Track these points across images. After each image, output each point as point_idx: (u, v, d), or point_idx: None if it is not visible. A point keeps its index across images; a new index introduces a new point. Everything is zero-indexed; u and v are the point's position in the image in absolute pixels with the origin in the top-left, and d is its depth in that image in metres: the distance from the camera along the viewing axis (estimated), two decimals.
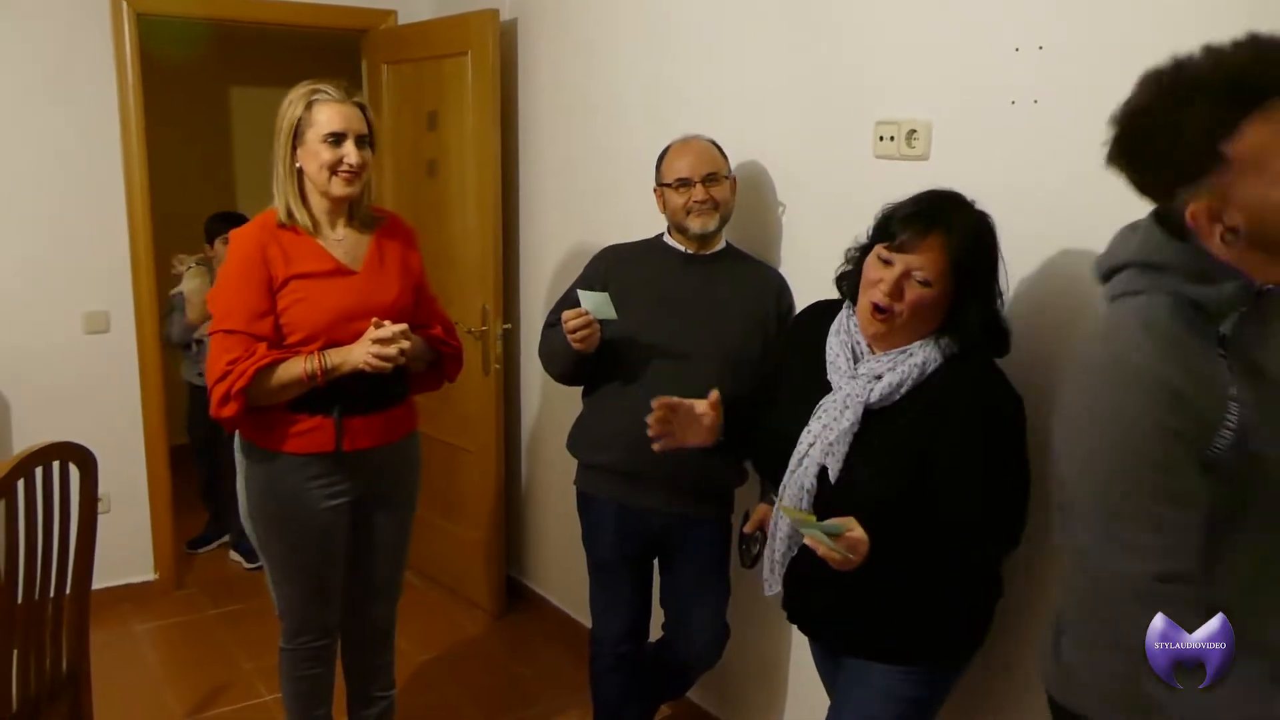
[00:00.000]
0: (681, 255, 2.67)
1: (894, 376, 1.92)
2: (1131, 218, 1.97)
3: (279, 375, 2.40)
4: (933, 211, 1.89)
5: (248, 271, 2.42)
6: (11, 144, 3.74)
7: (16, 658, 2.30)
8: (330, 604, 2.69)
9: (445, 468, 4.10)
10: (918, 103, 2.37)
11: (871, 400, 1.92)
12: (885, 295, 1.89)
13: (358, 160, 2.43)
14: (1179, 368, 1.35)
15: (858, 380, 1.96)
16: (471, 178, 3.87)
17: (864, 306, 1.95)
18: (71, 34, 3.78)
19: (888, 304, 1.89)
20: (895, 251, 1.89)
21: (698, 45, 3.00)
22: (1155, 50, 1.64)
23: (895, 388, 1.92)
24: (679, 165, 2.61)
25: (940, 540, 1.89)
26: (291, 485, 2.51)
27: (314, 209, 2.50)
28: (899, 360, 1.93)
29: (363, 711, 2.90)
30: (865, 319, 1.96)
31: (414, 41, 4.15)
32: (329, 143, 2.41)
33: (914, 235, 1.87)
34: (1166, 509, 1.35)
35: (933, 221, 1.87)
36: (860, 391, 1.94)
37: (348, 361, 2.40)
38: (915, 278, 1.87)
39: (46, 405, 3.87)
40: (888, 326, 1.92)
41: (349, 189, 2.45)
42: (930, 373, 1.92)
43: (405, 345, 2.39)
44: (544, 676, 3.69)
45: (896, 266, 1.88)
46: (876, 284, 1.91)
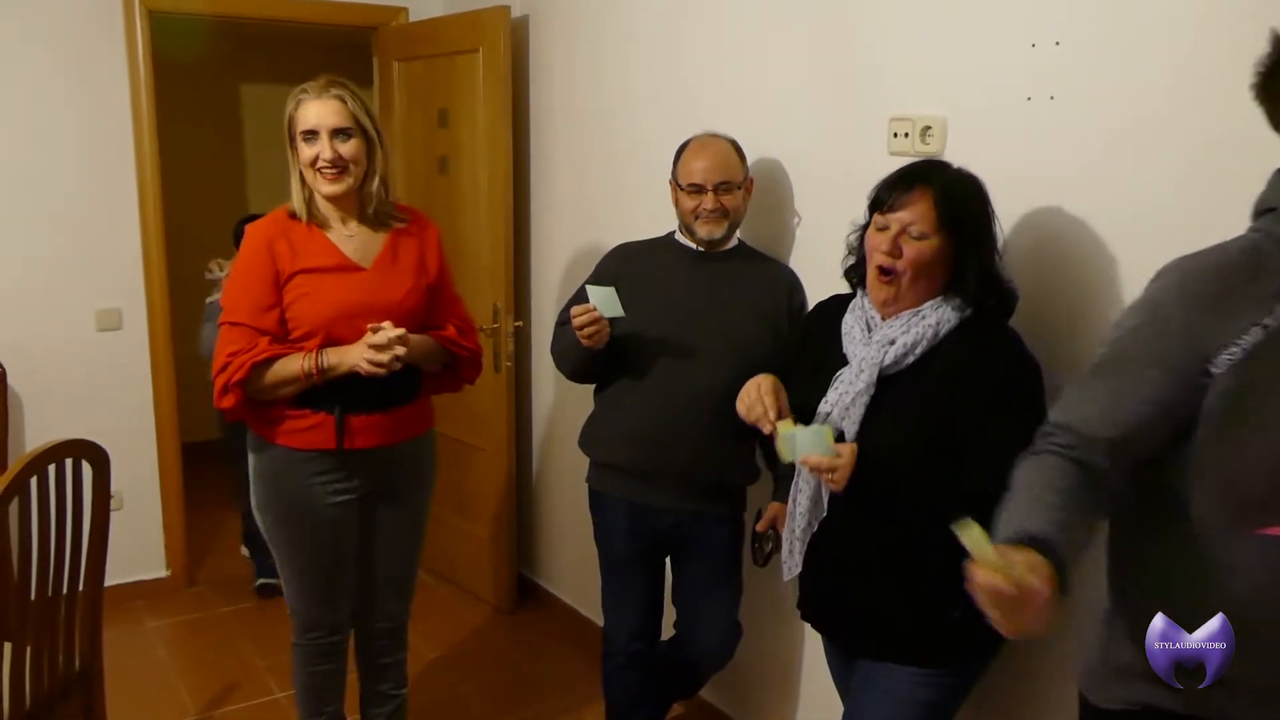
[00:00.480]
0: (692, 253, 2.66)
1: (908, 338, 1.95)
2: (1151, 212, 1.96)
3: (276, 371, 2.40)
4: (915, 170, 1.99)
5: (255, 265, 2.43)
6: (24, 141, 3.75)
7: (30, 654, 2.31)
8: (339, 601, 2.69)
9: (456, 465, 4.09)
10: (932, 99, 2.36)
11: (886, 362, 1.96)
12: (885, 254, 1.94)
13: (331, 155, 2.40)
14: (1222, 285, 1.37)
15: (872, 346, 1.99)
16: (483, 175, 3.86)
17: (871, 276, 2.01)
18: (84, 32, 3.79)
19: (890, 263, 1.95)
20: (887, 213, 1.96)
21: (711, 41, 2.98)
22: (1171, 45, 1.64)
23: (909, 348, 1.95)
24: (694, 168, 2.58)
25: (961, 511, 1.85)
26: (296, 481, 2.51)
27: (320, 206, 2.51)
28: (912, 323, 1.97)
29: (375, 709, 2.90)
30: (873, 286, 2.01)
31: (425, 38, 4.15)
32: (307, 141, 2.42)
33: (900, 193, 1.94)
34: (1125, 383, 1.41)
35: (916, 178, 1.95)
36: (875, 355, 1.97)
37: (344, 362, 2.40)
38: (910, 233, 1.93)
39: (60, 402, 3.88)
40: (895, 288, 1.97)
41: (333, 187, 2.44)
42: (945, 335, 1.95)
43: (400, 352, 2.37)
44: (555, 674, 3.68)
45: (891, 227, 1.94)
46: (875, 250, 1.97)
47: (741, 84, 2.88)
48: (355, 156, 2.44)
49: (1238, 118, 1.50)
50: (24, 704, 2.29)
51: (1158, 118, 1.93)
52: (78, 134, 3.84)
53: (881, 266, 1.96)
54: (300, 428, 2.48)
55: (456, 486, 4.14)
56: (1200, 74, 1.83)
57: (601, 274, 2.73)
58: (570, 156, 3.70)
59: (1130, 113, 1.97)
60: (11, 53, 3.69)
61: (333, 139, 2.41)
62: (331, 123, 2.41)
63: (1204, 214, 1.82)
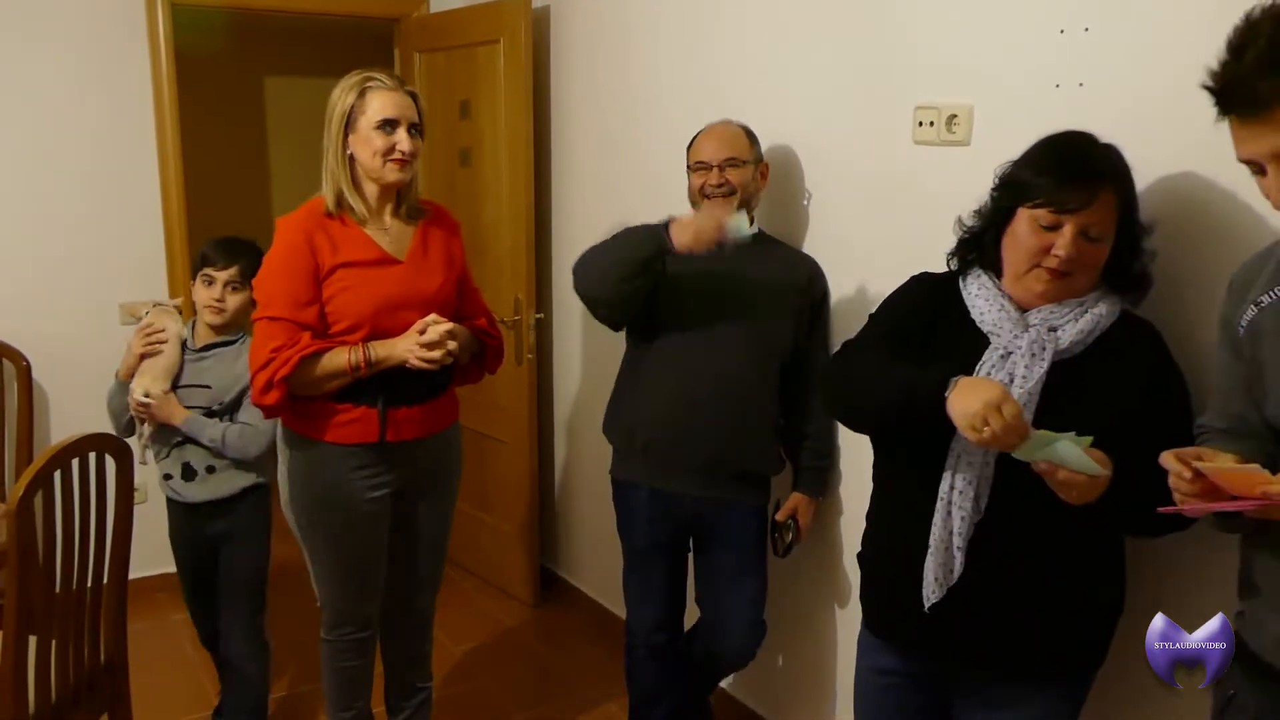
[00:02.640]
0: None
1: (1081, 324, 1.80)
2: (1182, 200, 1.92)
3: (323, 365, 2.40)
4: (1090, 164, 1.78)
5: (294, 258, 2.42)
6: (47, 136, 3.77)
7: (55, 647, 2.32)
8: (371, 596, 2.68)
9: (479, 458, 4.09)
10: (959, 87, 2.32)
11: (1062, 345, 1.78)
12: (1064, 261, 1.76)
13: (410, 147, 2.44)
14: (1247, 274, 1.58)
15: (1035, 329, 1.80)
16: (504, 166, 3.85)
17: (1027, 271, 1.82)
18: (106, 25, 3.80)
19: (1065, 267, 1.77)
20: (1063, 213, 1.75)
21: (734, 30, 2.96)
22: (1203, 30, 1.60)
23: (1086, 334, 1.80)
24: (702, 149, 2.62)
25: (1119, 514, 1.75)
26: (334, 476, 2.51)
27: (367, 196, 2.51)
28: (1078, 312, 1.81)
29: (401, 702, 2.90)
30: (1030, 280, 1.82)
31: (446, 30, 4.14)
32: (382, 129, 2.42)
33: (1083, 193, 1.74)
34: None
35: (1095, 174, 1.76)
36: (1047, 339, 1.79)
37: (393, 356, 2.41)
38: (1089, 234, 1.75)
39: (84, 396, 3.87)
40: (1062, 285, 1.80)
41: (401, 174, 2.46)
42: (1108, 327, 1.82)
43: (453, 346, 2.39)
44: (579, 668, 3.68)
45: (1067, 229, 1.75)
46: (1045, 251, 1.78)
47: (765, 73, 2.86)
48: (417, 153, 2.48)
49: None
50: (50, 697, 2.30)
51: (1189, 105, 1.88)
52: (100, 128, 3.85)
53: (1056, 269, 1.78)
54: (342, 422, 2.47)
55: (479, 479, 4.14)
56: None
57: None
58: (592, 148, 3.68)
59: (1161, 100, 1.93)
60: (34, 47, 3.70)
61: (409, 132, 2.44)
62: (410, 116, 2.45)
63: (1236, 202, 1.79)
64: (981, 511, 1.81)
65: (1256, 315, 1.51)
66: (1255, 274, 1.55)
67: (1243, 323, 1.53)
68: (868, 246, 2.61)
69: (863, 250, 2.62)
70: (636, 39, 3.38)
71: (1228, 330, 1.58)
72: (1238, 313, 1.55)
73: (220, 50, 5.37)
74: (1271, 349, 1.49)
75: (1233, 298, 1.58)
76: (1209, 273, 1.85)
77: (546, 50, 3.83)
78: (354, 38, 4.94)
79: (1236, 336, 1.56)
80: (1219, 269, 1.74)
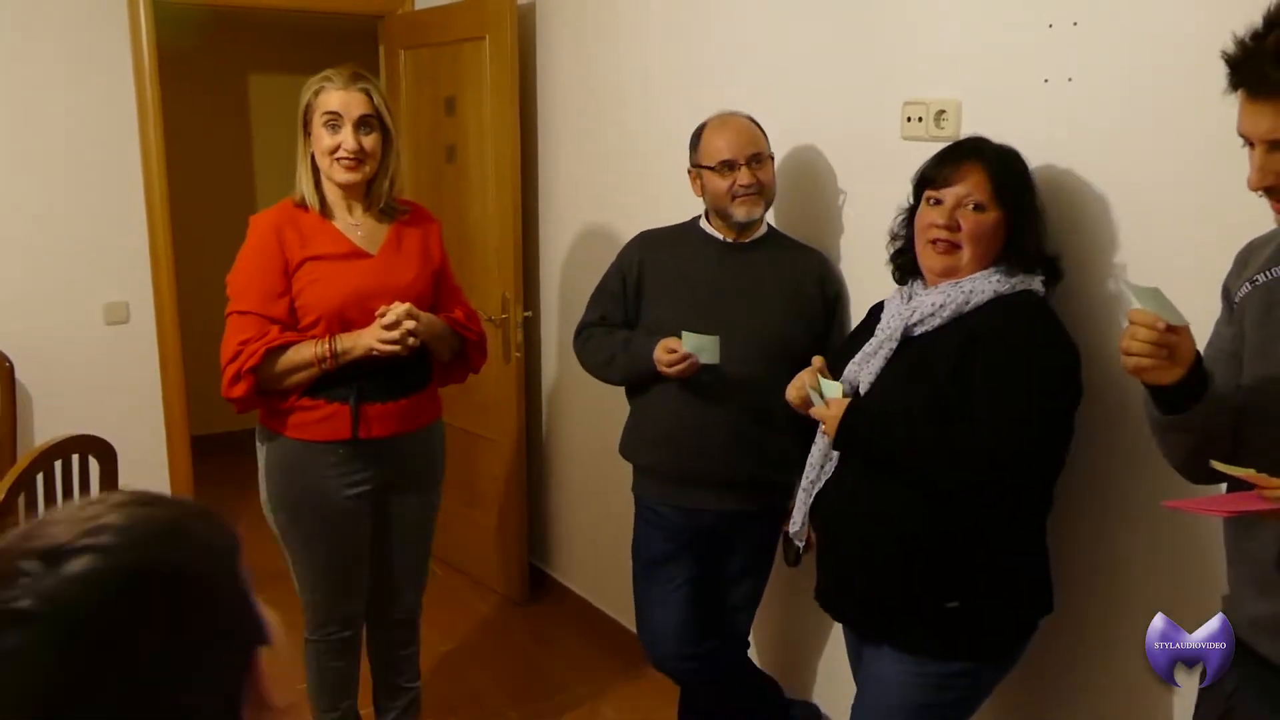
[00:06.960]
0: (720, 244, 2.55)
1: (939, 297, 1.94)
2: (1170, 195, 1.93)
3: (290, 357, 2.39)
4: (961, 146, 2.01)
5: (263, 253, 2.43)
6: (29, 133, 3.73)
7: None
8: (353, 595, 2.67)
9: (466, 456, 4.07)
10: (947, 82, 2.32)
11: (911, 320, 1.95)
12: (943, 228, 1.93)
13: (354, 145, 2.42)
14: (1247, 252, 1.62)
15: (905, 307, 2.01)
16: (490, 163, 3.83)
17: (924, 250, 1.99)
18: (88, 22, 3.76)
19: (947, 236, 1.93)
20: (940, 188, 1.95)
21: (721, 24, 2.94)
22: (1193, 25, 1.60)
23: (936, 309, 1.93)
24: (720, 145, 2.46)
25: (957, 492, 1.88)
26: (310, 473, 2.50)
27: (328, 194, 2.50)
28: (950, 290, 1.95)
29: (389, 702, 2.89)
30: (929, 256, 1.99)
31: (431, 26, 4.12)
32: (328, 128, 2.41)
33: (951, 168, 1.95)
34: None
35: (965, 153, 1.97)
36: (904, 312, 1.98)
37: (358, 345, 2.39)
38: (968, 205, 1.93)
39: (68, 396, 3.87)
40: (953, 258, 1.95)
41: (349, 175, 2.45)
42: (977, 305, 1.92)
43: (411, 325, 2.37)
44: (569, 665, 3.67)
45: (946, 201, 1.94)
46: (930, 226, 1.96)
47: (753, 68, 2.85)
48: (373, 150, 2.46)
49: None
50: None
51: (1178, 99, 1.89)
52: (83, 125, 3.82)
53: (940, 240, 1.94)
54: (314, 419, 2.46)
55: (467, 477, 4.12)
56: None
57: (625, 262, 2.66)
58: (579, 143, 3.67)
59: (1151, 94, 1.93)
60: (14, 43, 3.66)
61: (356, 129, 2.42)
62: (357, 112, 2.42)
63: (1223, 197, 1.79)
64: (830, 468, 2.05)
65: (1250, 292, 1.55)
66: (1259, 252, 1.60)
67: (1237, 298, 1.58)
68: (856, 240, 2.61)
69: (851, 243, 2.62)
70: (622, 34, 3.36)
71: (1225, 300, 1.63)
72: (1235, 286, 1.60)
73: (203, 47, 5.33)
74: (1253, 327, 1.54)
75: (1235, 269, 1.63)
76: (1207, 259, 1.85)
77: (532, 46, 3.82)
78: (338, 34, 4.91)
79: (1231, 308, 1.60)
80: (1206, 257, 1.74)
